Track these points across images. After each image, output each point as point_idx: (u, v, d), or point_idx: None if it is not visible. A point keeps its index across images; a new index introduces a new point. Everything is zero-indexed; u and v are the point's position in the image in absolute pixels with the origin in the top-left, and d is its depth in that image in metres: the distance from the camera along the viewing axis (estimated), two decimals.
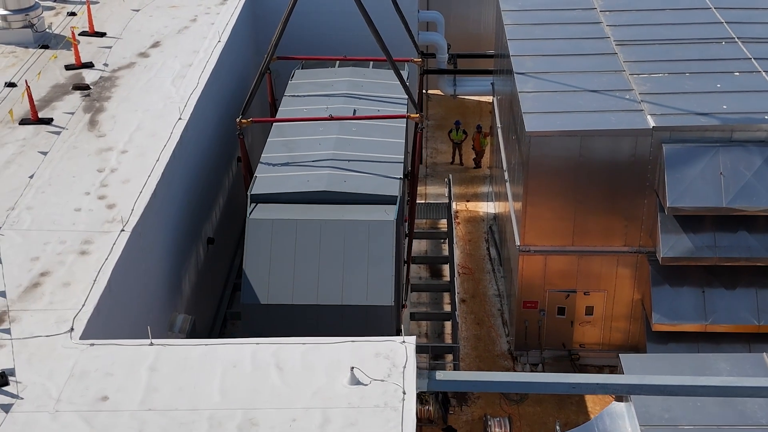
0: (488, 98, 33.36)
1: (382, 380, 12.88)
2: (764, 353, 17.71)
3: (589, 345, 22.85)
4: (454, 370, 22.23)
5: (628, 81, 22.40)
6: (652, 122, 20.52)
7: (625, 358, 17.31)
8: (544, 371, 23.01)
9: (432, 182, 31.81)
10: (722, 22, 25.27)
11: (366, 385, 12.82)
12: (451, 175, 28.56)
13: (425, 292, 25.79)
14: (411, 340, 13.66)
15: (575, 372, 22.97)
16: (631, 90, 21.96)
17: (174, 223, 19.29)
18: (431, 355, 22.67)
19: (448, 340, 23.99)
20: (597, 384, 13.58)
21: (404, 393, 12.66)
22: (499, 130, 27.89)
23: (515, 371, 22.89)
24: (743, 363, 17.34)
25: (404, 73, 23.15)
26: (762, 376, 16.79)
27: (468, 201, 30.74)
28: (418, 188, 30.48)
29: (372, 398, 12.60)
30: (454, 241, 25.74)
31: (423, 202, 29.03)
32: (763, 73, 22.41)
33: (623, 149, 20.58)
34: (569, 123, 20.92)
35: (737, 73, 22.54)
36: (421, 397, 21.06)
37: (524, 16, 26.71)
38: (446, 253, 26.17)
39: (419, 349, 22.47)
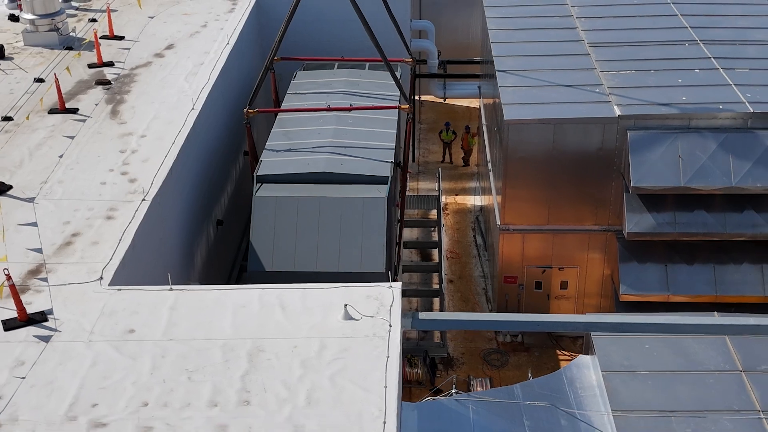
0: (476, 104, 35.16)
1: (372, 316, 14.53)
2: (715, 312, 19.37)
3: None
4: (441, 339, 23.87)
5: (599, 77, 24.17)
6: (618, 111, 22.27)
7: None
8: (523, 342, 24.63)
9: (424, 179, 33.52)
10: (686, 27, 27.08)
11: (357, 320, 14.47)
12: (440, 169, 30.27)
13: (416, 273, 27.42)
14: (397, 285, 15.30)
15: (552, 342, 24.61)
16: (601, 85, 23.72)
17: (188, 200, 20.98)
18: None
19: None
20: (558, 322, 15.24)
21: (390, 326, 14.31)
22: (485, 129, 29.62)
23: (497, 341, 24.53)
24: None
25: (397, 73, 24.94)
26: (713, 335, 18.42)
27: (457, 195, 32.45)
28: (412, 183, 32.30)
29: (362, 330, 14.26)
30: (443, 228, 27.44)
31: (415, 194, 30.77)
32: (721, 70, 24.17)
33: (592, 136, 22.31)
34: (544, 112, 22.66)
35: (697, 71, 24.32)
36: (410, 361, 22.71)
37: (507, 22, 28.51)
38: (436, 239, 27.87)
39: None
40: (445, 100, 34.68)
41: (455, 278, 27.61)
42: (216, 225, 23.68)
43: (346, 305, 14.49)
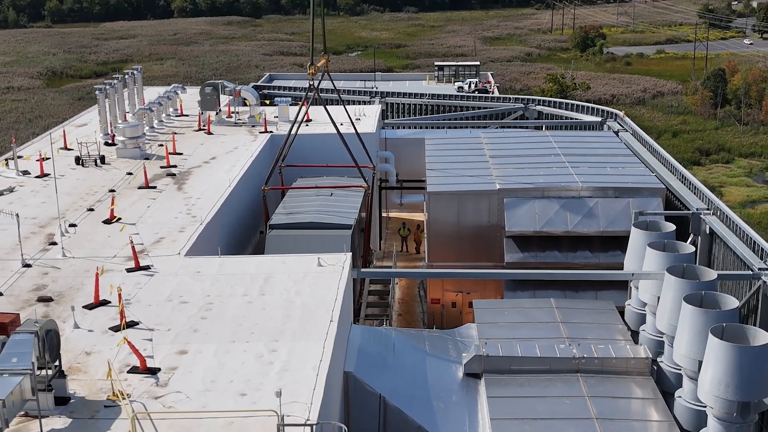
0: (422, 215, 44.62)
1: (333, 265, 23.57)
2: (551, 298, 28.03)
3: None
4: None
5: (491, 171, 34.01)
6: (498, 186, 31.92)
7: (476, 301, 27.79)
8: None
9: (387, 260, 42.70)
10: (556, 147, 37.25)
11: (325, 266, 23.50)
12: (395, 247, 39.51)
13: (376, 307, 36.07)
14: (349, 254, 24.39)
15: None
16: (491, 174, 33.52)
17: (226, 232, 30.21)
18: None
19: None
20: (443, 272, 24.06)
21: (343, 268, 23.33)
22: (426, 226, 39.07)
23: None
24: (540, 302, 27.67)
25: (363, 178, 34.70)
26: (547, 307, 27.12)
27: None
28: (378, 262, 41.35)
29: (327, 269, 23.27)
30: (396, 283, 36.42)
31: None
32: (569, 167, 34.05)
33: (483, 202, 31.83)
34: (453, 188, 32.30)
35: (554, 167, 34.21)
36: None
37: (439, 149, 38.73)
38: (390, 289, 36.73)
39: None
40: (401, 205, 44.44)
41: (403, 313, 36.31)
42: None
43: (319, 257, 23.59)
